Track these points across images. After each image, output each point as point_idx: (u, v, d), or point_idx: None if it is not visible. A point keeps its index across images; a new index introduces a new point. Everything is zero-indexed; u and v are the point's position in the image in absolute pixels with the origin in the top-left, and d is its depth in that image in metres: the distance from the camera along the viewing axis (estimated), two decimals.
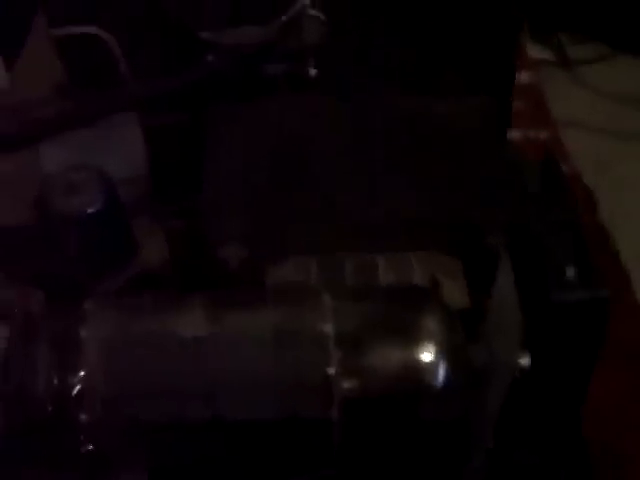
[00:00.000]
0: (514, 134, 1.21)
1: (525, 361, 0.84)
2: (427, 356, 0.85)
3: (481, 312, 0.90)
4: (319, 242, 0.96)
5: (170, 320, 0.85)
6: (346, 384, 0.83)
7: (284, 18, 1.01)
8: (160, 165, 1.06)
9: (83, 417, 0.82)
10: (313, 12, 1.00)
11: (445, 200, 1.00)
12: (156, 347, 0.84)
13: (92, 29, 1.02)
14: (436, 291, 0.90)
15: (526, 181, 0.99)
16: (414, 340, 0.86)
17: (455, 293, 0.92)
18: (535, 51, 1.84)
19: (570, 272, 0.89)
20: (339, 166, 1.01)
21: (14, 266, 0.94)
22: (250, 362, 0.84)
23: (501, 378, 0.84)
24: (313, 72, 1.08)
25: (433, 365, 0.85)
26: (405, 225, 0.97)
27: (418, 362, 0.85)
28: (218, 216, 0.97)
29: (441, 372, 0.85)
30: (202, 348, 0.84)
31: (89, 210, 0.94)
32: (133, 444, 0.84)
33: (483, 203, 0.99)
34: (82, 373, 0.82)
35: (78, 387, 0.82)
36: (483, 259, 0.94)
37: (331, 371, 0.83)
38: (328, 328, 0.84)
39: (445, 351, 0.85)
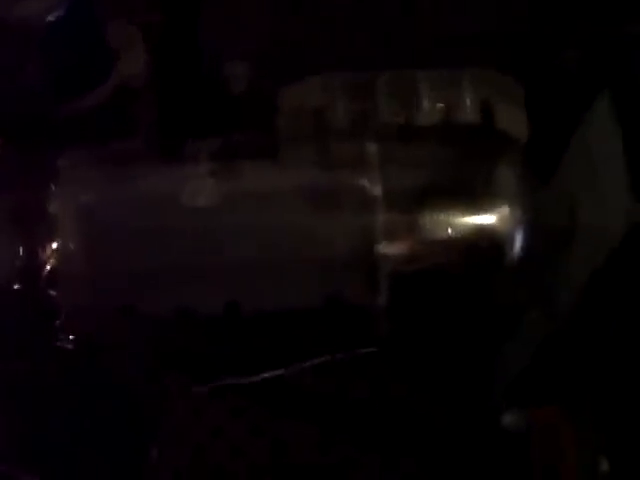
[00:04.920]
0: None
1: None
2: (502, 219, 0.70)
3: (553, 157, 0.76)
4: (344, 57, 0.82)
5: (171, 180, 0.70)
6: (396, 256, 0.69)
7: None
8: None
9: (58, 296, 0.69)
10: None
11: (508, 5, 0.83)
12: (154, 215, 0.70)
13: None
14: (491, 120, 0.75)
15: None
16: (485, 198, 0.70)
17: (511, 122, 0.76)
18: None
19: None
20: None
21: None
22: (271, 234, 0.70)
23: (587, 245, 0.71)
24: None
25: (509, 230, 0.70)
26: (453, 37, 0.83)
27: (490, 227, 0.70)
28: (222, 26, 0.84)
29: (519, 239, 0.70)
30: (215, 215, 0.69)
31: (49, 17, 0.80)
32: (123, 334, 0.73)
33: (557, 10, 0.82)
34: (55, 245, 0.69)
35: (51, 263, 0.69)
36: (553, 83, 0.80)
37: (377, 239, 0.69)
38: (374, 185, 0.69)
39: (523, 212, 0.70)
